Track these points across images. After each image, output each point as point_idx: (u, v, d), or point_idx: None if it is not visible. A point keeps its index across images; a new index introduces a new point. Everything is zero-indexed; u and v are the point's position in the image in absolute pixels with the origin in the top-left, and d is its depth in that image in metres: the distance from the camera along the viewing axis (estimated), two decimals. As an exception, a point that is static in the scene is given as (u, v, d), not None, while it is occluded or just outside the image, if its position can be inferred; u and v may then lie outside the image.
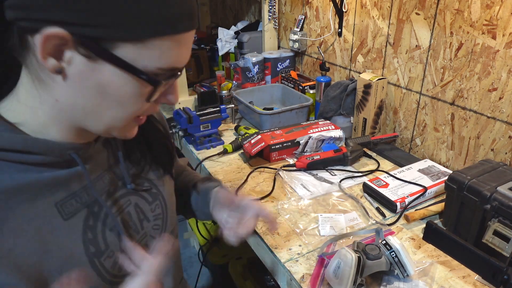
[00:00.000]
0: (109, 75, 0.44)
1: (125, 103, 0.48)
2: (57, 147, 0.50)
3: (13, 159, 0.47)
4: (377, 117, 1.28)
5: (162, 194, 0.68)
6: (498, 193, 0.79)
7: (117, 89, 0.46)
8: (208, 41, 2.12)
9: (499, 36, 0.94)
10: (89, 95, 0.46)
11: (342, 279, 0.71)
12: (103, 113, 0.48)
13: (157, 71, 0.46)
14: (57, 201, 0.51)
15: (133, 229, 0.61)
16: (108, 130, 0.51)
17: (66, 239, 0.51)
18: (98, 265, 0.54)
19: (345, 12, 1.42)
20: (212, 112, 1.34)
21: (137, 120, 0.53)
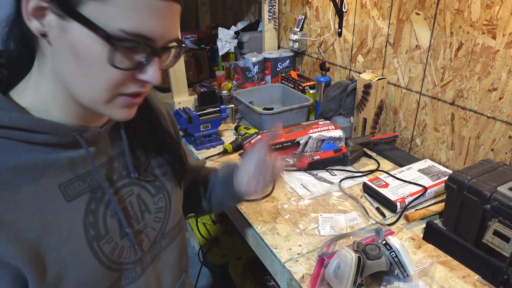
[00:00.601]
0: (78, 35, 0.45)
1: (95, 67, 0.47)
2: (61, 128, 0.52)
3: (21, 138, 0.49)
4: (377, 117, 1.28)
5: (167, 188, 0.69)
6: (498, 193, 0.79)
7: (86, 50, 0.46)
8: (208, 41, 2.12)
9: (499, 36, 0.94)
10: (67, 60, 0.47)
11: (342, 279, 0.71)
12: (81, 81, 0.49)
13: (119, 33, 0.45)
14: (61, 183, 0.53)
15: (134, 219, 0.62)
16: (93, 104, 0.51)
17: (67, 220, 0.53)
18: (96, 248, 0.55)
19: (345, 12, 1.42)
20: (212, 112, 1.34)
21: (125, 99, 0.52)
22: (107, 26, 0.44)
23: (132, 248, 0.61)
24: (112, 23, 0.44)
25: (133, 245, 0.61)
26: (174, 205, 0.70)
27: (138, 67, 0.49)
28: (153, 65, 0.49)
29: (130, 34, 0.45)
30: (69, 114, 0.53)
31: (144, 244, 0.64)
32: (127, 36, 0.45)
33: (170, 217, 0.69)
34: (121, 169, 0.62)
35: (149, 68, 0.49)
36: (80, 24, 0.44)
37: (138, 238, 0.62)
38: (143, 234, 0.63)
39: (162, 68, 0.52)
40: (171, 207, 0.69)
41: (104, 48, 0.45)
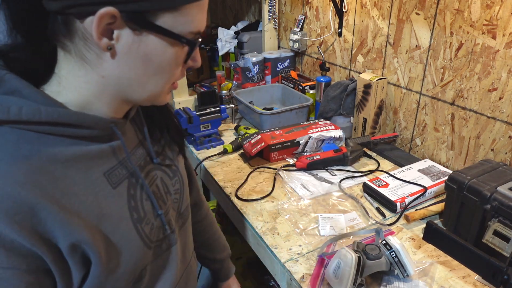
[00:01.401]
0: (153, 44, 0.51)
1: (166, 68, 0.53)
2: (102, 122, 0.55)
3: (65, 133, 0.52)
4: (377, 117, 1.28)
5: (180, 171, 0.73)
6: (498, 193, 0.79)
7: (160, 56, 0.52)
8: (208, 41, 2.12)
9: (499, 36, 0.94)
10: (135, 66, 0.52)
11: (342, 279, 0.71)
12: (147, 81, 0.54)
13: (189, 35, 0.52)
14: (105, 171, 0.56)
15: (162, 201, 0.66)
16: (150, 98, 0.57)
17: (116, 205, 0.56)
18: (140, 230, 0.59)
19: (345, 12, 1.42)
20: (212, 112, 1.34)
21: (172, 86, 0.59)
22: (181, 33, 0.51)
23: (163, 227, 0.65)
24: (184, 29, 0.51)
25: (164, 225, 0.65)
26: (185, 186, 0.75)
27: (192, 57, 0.56)
28: (197, 52, 0.57)
29: (194, 34, 0.53)
30: (110, 109, 0.57)
31: (171, 223, 0.68)
32: (194, 36, 0.53)
33: (184, 198, 0.74)
34: (145, 154, 0.66)
35: (196, 56, 0.57)
36: (156, 35, 0.50)
37: (167, 218, 0.67)
38: (169, 214, 0.68)
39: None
40: (184, 189, 0.74)
41: (174, 51, 0.52)
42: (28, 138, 0.50)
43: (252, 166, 1.21)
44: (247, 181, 1.13)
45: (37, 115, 0.49)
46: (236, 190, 1.08)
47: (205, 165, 1.23)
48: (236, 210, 1.02)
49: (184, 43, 0.52)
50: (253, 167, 1.20)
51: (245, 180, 1.13)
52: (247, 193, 1.07)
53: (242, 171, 1.19)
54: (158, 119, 0.71)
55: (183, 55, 0.54)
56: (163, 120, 0.72)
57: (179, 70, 0.56)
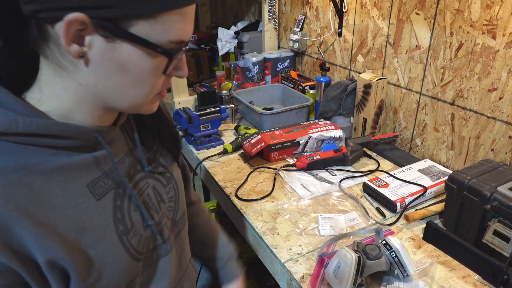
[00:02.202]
0: (128, 53, 0.48)
1: (144, 78, 0.51)
2: (85, 131, 0.53)
3: (45, 144, 0.50)
4: (377, 117, 1.28)
5: (174, 178, 0.72)
6: (498, 193, 0.79)
7: (136, 65, 0.49)
8: (208, 41, 2.12)
9: (499, 36, 0.94)
10: (110, 75, 0.49)
11: (342, 279, 0.71)
12: (126, 91, 0.51)
13: (168, 44, 0.49)
14: (89, 182, 0.54)
15: (153, 210, 0.65)
16: (132, 107, 0.55)
17: (100, 218, 0.55)
18: (126, 243, 0.57)
19: (345, 12, 1.42)
20: (212, 112, 1.34)
21: (158, 95, 0.56)
22: (158, 41, 0.48)
23: (154, 237, 0.63)
24: (162, 38, 0.48)
25: (155, 236, 0.63)
26: (181, 193, 0.74)
27: (177, 67, 0.54)
28: (182, 61, 0.54)
29: (175, 43, 0.50)
30: (93, 118, 0.55)
31: (164, 233, 0.66)
32: (175, 46, 0.50)
33: (180, 205, 0.72)
34: (135, 162, 0.64)
35: (181, 65, 0.54)
36: (130, 43, 0.47)
37: (159, 228, 0.65)
38: (162, 224, 0.66)
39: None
40: (179, 196, 0.72)
41: (152, 61, 0.49)
42: (5, 149, 0.48)
43: (252, 166, 1.21)
44: (247, 181, 1.13)
45: (13, 127, 0.47)
46: (236, 190, 1.08)
47: (205, 165, 1.23)
48: (236, 210, 1.02)
49: (160, 53, 0.49)
50: (253, 167, 1.20)
51: (245, 180, 1.13)
52: (247, 193, 1.07)
53: (242, 171, 1.19)
54: (149, 125, 0.69)
55: (163, 65, 0.51)
56: (155, 126, 0.70)
57: (161, 80, 0.53)
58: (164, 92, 0.58)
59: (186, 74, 0.56)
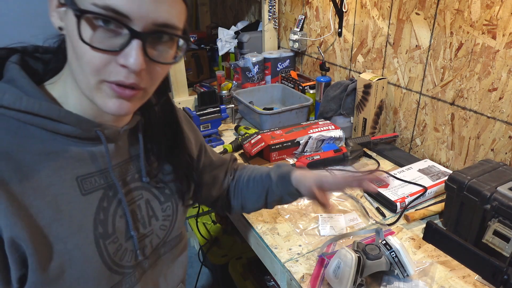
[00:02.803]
0: (68, 19, 0.47)
1: (78, 49, 0.46)
2: (85, 122, 0.53)
3: (46, 126, 0.51)
4: (377, 117, 1.28)
5: (176, 198, 0.69)
6: (498, 193, 0.79)
7: (71, 31, 0.47)
8: (208, 41, 2.12)
9: (499, 36, 0.94)
10: (68, 47, 0.49)
11: (342, 279, 0.71)
12: (76, 67, 0.49)
13: (91, 7, 0.44)
14: (79, 175, 0.54)
15: (141, 223, 0.62)
16: (87, 92, 0.50)
17: (79, 213, 0.53)
18: (102, 246, 0.55)
19: (345, 12, 1.42)
20: (212, 112, 1.34)
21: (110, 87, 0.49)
22: (82, 2, 0.45)
23: (134, 252, 0.60)
24: (86, 0, 0.44)
25: (136, 250, 0.60)
26: (180, 215, 0.70)
27: (117, 49, 0.46)
28: (132, 48, 0.46)
29: (100, 7, 0.44)
30: (84, 108, 0.54)
31: (147, 250, 0.63)
32: (97, 10, 0.44)
33: (175, 226, 0.69)
34: (135, 171, 0.63)
35: (128, 51, 0.46)
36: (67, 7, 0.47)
37: (142, 243, 0.62)
38: (147, 239, 0.63)
39: (157, 60, 0.49)
40: (177, 217, 0.69)
41: (82, 25, 0.45)
42: (5, 125, 0.50)
43: (252, 166, 1.21)
44: (247, 181, 1.13)
45: (17, 103, 0.49)
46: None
47: (205, 165, 1.22)
48: (236, 210, 1.02)
49: (73, 9, 0.44)
50: (253, 167, 1.20)
51: (245, 180, 1.13)
52: (247, 193, 1.07)
53: (242, 171, 1.18)
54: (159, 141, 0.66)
55: (91, 33, 0.45)
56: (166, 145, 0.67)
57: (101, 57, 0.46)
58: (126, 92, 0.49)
59: (133, 66, 0.46)
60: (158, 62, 0.50)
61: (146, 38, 0.47)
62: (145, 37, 0.46)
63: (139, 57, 0.46)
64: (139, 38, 0.46)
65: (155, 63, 0.50)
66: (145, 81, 0.50)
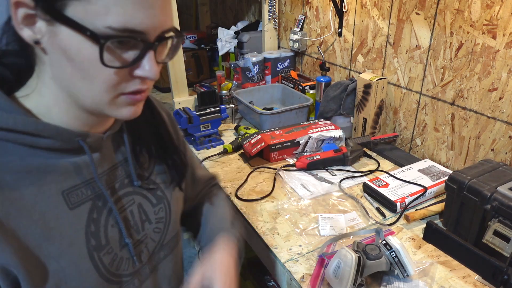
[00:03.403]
0: (67, 38, 0.44)
1: (89, 70, 0.46)
2: (66, 132, 0.51)
3: (24, 141, 0.48)
4: (377, 117, 1.28)
5: (168, 198, 0.67)
6: (498, 193, 0.79)
7: (77, 53, 0.45)
8: (208, 41, 2.12)
9: (499, 36, 0.94)
10: (62, 65, 0.46)
11: (342, 279, 0.71)
12: (80, 86, 0.47)
13: (107, 30, 0.43)
14: (64, 189, 0.52)
15: (134, 229, 0.61)
16: (96, 107, 0.50)
17: (69, 228, 0.51)
18: (96, 259, 0.54)
19: (345, 12, 1.42)
20: (212, 112, 1.34)
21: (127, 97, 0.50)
22: (94, 25, 0.43)
23: (131, 259, 0.59)
24: (98, 21, 0.43)
25: (132, 257, 0.59)
26: (174, 215, 0.68)
27: (133, 63, 0.47)
28: (148, 60, 0.47)
29: (117, 30, 0.43)
30: (71, 119, 0.52)
31: (143, 256, 0.62)
32: (114, 33, 0.43)
33: (170, 228, 0.67)
34: (124, 176, 0.61)
35: (145, 63, 0.47)
36: (67, 27, 0.43)
37: (138, 249, 0.61)
38: (142, 245, 0.62)
39: (161, 62, 0.51)
40: (171, 218, 0.68)
41: (94, 49, 0.44)
42: None
43: (252, 166, 1.21)
44: (247, 181, 1.13)
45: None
46: (236, 190, 1.08)
47: (205, 165, 1.23)
48: (236, 210, 1.02)
49: (89, 36, 0.43)
50: (253, 167, 1.20)
51: (245, 180, 1.13)
52: (247, 193, 1.07)
53: (242, 171, 1.19)
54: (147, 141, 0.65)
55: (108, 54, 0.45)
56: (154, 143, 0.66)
57: (115, 75, 0.46)
58: (140, 96, 0.51)
59: (153, 76, 0.48)
60: (163, 63, 0.52)
61: (157, 46, 0.48)
62: (156, 46, 0.48)
63: (155, 66, 0.48)
64: (152, 49, 0.47)
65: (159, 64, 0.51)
66: (152, 82, 0.52)
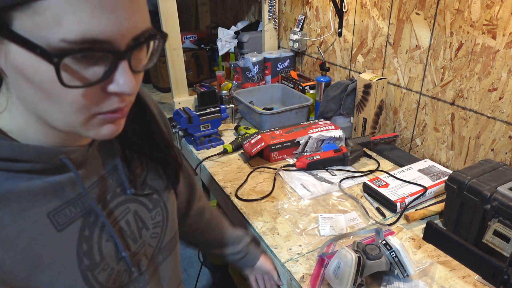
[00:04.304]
0: (20, 58, 0.37)
1: (52, 91, 0.39)
2: (46, 153, 0.46)
3: (1, 166, 0.43)
4: (377, 117, 1.28)
5: (164, 200, 0.65)
6: (498, 193, 0.79)
7: (34, 74, 0.38)
8: (208, 41, 2.12)
9: (499, 36, 0.94)
10: (23, 87, 0.40)
11: (342, 279, 0.71)
12: (46, 108, 0.41)
13: (62, 44, 0.36)
14: (50, 211, 0.47)
15: (131, 239, 0.58)
16: (70, 130, 0.44)
17: (60, 251, 0.48)
18: (91, 279, 0.51)
19: (345, 12, 1.42)
20: (212, 112, 1.34)
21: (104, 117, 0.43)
22: (46, 40, 0.36)
23: (129, 271, 0.57)
24: (50, 35, 0.35)
25: (130, 268, 0.57)
26: (171, 217, 0.67)
27: (103, 79, 0.40)
28: (122, 72, 0.40)
29: (74, 43, 0.36)
30: (49, 137, 0.47)
31: (142, 264, 0.60)
32: (71, 46, 0.36)
33: (167, 231, 0.65)
34: (115, 186, 0.57)
35: (118, 77, 0.40)
36: (16, 45, 0.37)
37: (135, 259, 0.58)
38: (140, 253, 0.60)
39: (139, 70, 0.44)
40: (168, 221, 0.66)
41: (51, 68, 0.37)
42: None
43: (252, 166, 1.21)
44: (247, 181, 1.13)
45: None
46: (236, 190, 1.08)
47: (205, 165, 1.23)
48: (236, 210, 1.02)
49: (39, 54, 0.36)
50: (253, 167, 1.20)
51: (245, 180, 1.13)
52: (247, 193, 1.07)
53: (242, 171, 1.19)
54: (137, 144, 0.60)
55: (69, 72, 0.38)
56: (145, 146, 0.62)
57: (86, 94, 0.40)
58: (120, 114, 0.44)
59: (128, 90, 0.40)
60: (140, 71, 0.45)
61: (130, 55, 0.41)
62: (129, 54, 0.40)
63: (130, 78, 0.41)
64: (124, 59, 0.40)
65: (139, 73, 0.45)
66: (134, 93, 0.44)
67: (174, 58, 1.48)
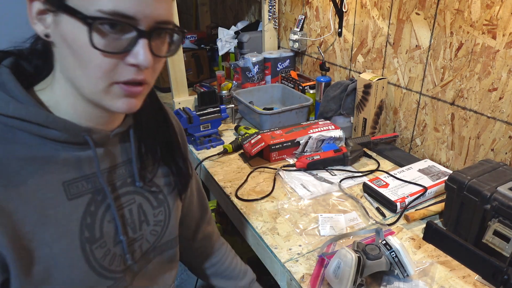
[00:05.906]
0: (66, 26, 0.47)
1: (84, 54, 0.47)
2: (73, 127, 0.53)
3: (33, 131, 0.51)
4: (377, 117, 1.28)
5: (169, 203, 0.69)
6: (498, 193, 0.79)
7: (74, 39, 0.47)
8: (208, 41, 2.12)
9: (499, 36, 0.94)
10: (66, 54, 0.49)
11: (342, 279, 0.71)
12: (78, 74, 0.49)
13: (97, 14, 0.45)
14: (65, 181, 0.54)
15: (131, 227, 0.62)
16: (93, 96, 0.51)
17: (65, 217, 0.53)
18: (88, 251, 0.55)
19: (345, 12, 1.42)
20: (212, 112, 1.34)
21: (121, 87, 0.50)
22: (87, 10, 0.45)
23: (123, 257, 0.60)
24: (91, 6, 0.45)
25: (125, 254, 0.60)
26: (173, 221, 0.70)
27: (126, 50, 0.48)
28: (141, 47, 0.48)
29: (107, 13, 0.45)
30: (78, 114, 0.54)
31: (136, 254, 0.63)
32: (104, 15, 0.45)
33: (167, 232, 0.69)
34: (127, 176, 0.62)
35: (137, 50, 0.48)
36: (66, 14, 0.46)
37: (131, 248, 0.62)
38: (137, 244, 0.63)
39: (158, 55, 0.51)
40: (170, 223, 0.69)
41: (86, 33, 0.46)
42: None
43: (252, 166, 1.21)
44: (247, 181, 1.13)
45: (5, 108, 0.49)
46: (236, 190, 1.08)
47: (205, 165, 1.23)
48: (236, 210, 1.02)
49: (79, 18, 0.45)
50: (253, 167, 1.20)
51: (245, 180, 1.13)
52: (247, 193, 1.07)
53: (242, 171, 1.19)
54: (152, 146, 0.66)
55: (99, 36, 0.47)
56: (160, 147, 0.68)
57: (110, 60, 0.48)
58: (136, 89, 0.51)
59: (144, 63, 0.48)
60: (161, 57, 0.52)
61: (151, 35, 0.49)
62: (150, 35, 0.49)
63: (148, 54, 0.48)
64: (145, 37, 0.48)
65: (157, 58, 0.52)
66: (150, 76, 0.52)
67: (174, 58, 1.48)
